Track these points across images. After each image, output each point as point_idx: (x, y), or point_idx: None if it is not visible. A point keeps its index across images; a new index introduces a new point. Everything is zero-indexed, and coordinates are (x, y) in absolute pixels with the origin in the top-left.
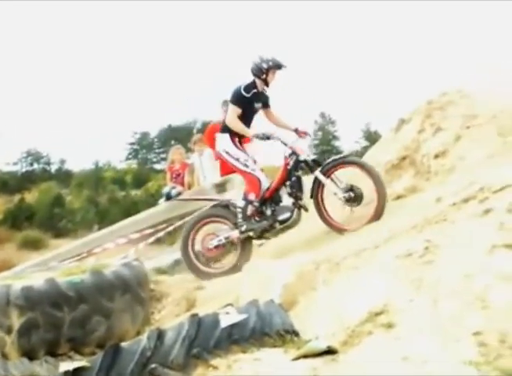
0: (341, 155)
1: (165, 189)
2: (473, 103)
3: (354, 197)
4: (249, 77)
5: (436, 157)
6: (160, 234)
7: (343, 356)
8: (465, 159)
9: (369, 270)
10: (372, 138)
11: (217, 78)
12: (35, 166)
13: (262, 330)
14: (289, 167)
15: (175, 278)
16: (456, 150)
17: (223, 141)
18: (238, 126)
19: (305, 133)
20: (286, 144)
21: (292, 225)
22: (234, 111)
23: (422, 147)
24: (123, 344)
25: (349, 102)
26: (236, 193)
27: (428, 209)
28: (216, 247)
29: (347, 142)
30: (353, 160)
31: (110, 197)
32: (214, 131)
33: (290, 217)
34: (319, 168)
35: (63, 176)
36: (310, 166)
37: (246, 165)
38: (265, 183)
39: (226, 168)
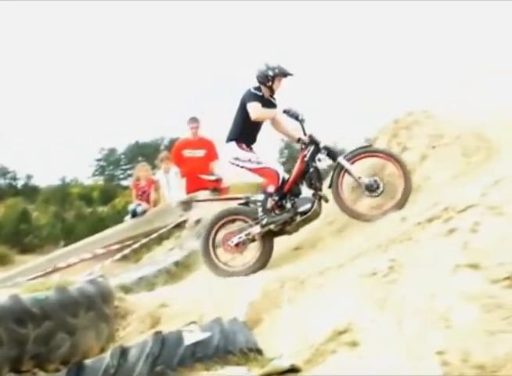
0: (365, 144)
1: (131, 207)
2: (438, 122)
3: (376, 186)
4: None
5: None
6: (126, 251)
7: (307, 374)
8: (430, 179)
9: (334, 289)
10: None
11: (185, 95)
12: (1, 181)
13: (226, 348)
14: (306, 158)
15: (140, 295)
16: (422, 170)
17: (230, 150)
18: (265, 114)
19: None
20: (305, 133)
21: (313, 217)
22: (255, 106)
23: (388, 166)
24: (86, 361)
25: (318, 119)
26: (200, 211)
27: (393, 228)
28: (237, 244)
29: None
30: (381, 150)
31: (77, 213)
32: (181, 149)
33: (311, 208)
34: (343, 155)
35: (30, 192)
36: (332, 152)
37: (259, 162)
38: (283, 174)
39: (192, 186)
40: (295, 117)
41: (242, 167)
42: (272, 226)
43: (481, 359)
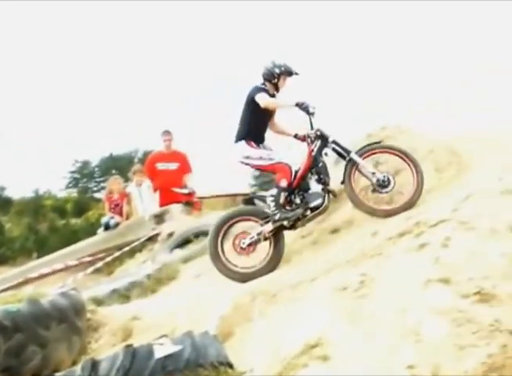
0: (377, 141)
1: (103, 220)
2: (411, 137)
3: (388, 182)
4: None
5: (374, 190)
6: (99, 264)
7: None
8: (402, 194)
9: (306, 303)
10: None
11: (160, 108)
12: None
13: (197, 362)
14: (313, 153)
15: (112, 308)
16: (394, 184)
17: (240, 149)
18: (273, 103)
19: (304, 138)
20: (313, 127)
21: (322, 212)
22: (263, 95)
23: (361, 181)
24: (57, 374)
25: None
26: (173, 224)
27: (365, 243)
28: (249, 245)
29: None
30: (392, 147)
31: (50, 225)
32: (154, 162)
33: (323, 203)
34: (354, 151)
35: (3, 203)
36: (341, 147)
37: (271, 158)
38: (295, 168)
39: (165, 199)
40: (306, 110)
41: (253, 166)
42: (285, 222)
43: (451, 373)
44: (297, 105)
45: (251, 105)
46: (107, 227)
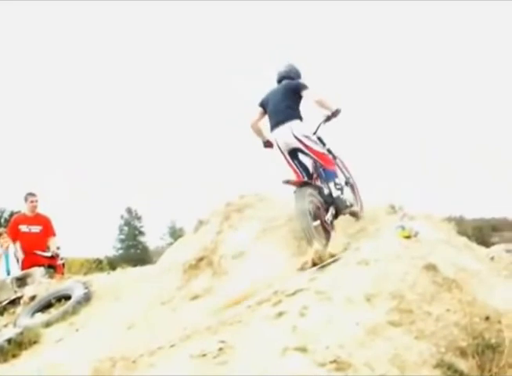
0: None
1: None
2: (270, 205)
3: None
4: None
5: (234, 258)
6: None
7: None
8: (262, 262)
9: (165, 369)
10: (177, 235)
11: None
12: None
13: None
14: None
15: None
16: (254, 252)
17: (301, 126)
18: (328, 102)
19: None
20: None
21: None
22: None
23: (220, 248)
24: None
25: (156, 197)
26: (35, 287)
27: (224, 310)
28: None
29: (153, 238)
30: None
31: None
32: (17, 224)
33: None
34: None
35: None
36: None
37: (322, 147)
38: None
39: (28, 262)
40: (334, 117)
41: (307, 146)
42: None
43: None
44: (336, 111)
45: (298, 96)
46: None
